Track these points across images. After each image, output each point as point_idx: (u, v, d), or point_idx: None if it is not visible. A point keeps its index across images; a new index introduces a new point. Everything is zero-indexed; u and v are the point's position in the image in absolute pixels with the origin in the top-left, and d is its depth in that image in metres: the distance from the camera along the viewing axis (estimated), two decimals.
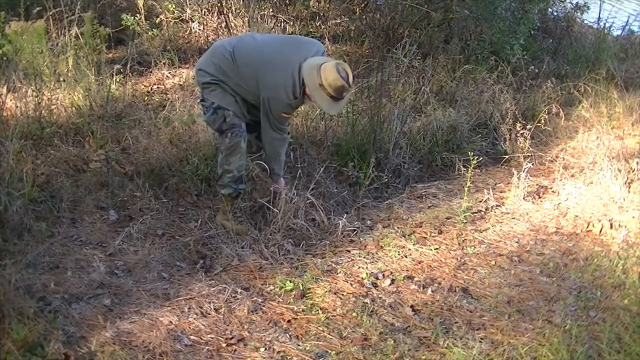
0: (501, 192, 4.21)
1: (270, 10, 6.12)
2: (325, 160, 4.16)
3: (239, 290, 3.01)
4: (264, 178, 3.65)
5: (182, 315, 2.80)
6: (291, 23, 6.11)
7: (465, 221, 3.74)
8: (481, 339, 2.75)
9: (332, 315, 2.88)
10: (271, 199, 3.54)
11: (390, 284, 3.15)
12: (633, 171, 4.22)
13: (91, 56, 4.89)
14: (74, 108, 4.47)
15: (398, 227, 3.68)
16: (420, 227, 3.72)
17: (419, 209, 3.96)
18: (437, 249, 3.50)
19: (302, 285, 3.07)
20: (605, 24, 7.37)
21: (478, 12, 5.91)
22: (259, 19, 5.94)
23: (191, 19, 6.06)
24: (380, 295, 3.05)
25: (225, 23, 5.88)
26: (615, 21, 7.65)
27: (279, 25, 6.06)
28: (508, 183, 4.27)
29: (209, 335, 2.69)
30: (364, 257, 3.36)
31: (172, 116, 4.45)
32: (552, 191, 4.24)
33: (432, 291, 3.11)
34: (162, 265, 3.18)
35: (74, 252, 3.20)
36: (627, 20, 7.82)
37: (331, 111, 3.43)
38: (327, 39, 5.95)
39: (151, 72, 5.42)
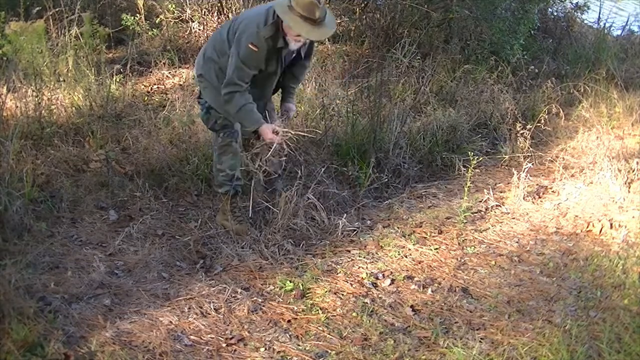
0: (501, 192, 4.21)
1: None
2: (325, 160, 4.16)
3: (239, 290, 3.01)
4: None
5: (182, 315, 2.81)
6: None
7: (465, 221, 3.74)
8: (481, 339, 2.75)
9: (332, 315, 2.88)
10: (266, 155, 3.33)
11: (390, 284, 3.15)
12: (633, 171, 4.21)
13: (91, 56, 4.89)
14: (74, 108, 4.47)
15: (398, 227, 3.68)
16: (420, 227, 3.72)
17: (419, 209, 3.96)
18: (437, 249, 3.50)
19: (302, 285, 3.07)
20: (605, 24, 7.37)
21: (478, 12, 5.91)
22: None
23: (191, 19, 6.06)
24: (380, 295, 3.05)
25: None
26: (615, 21, 7.65)
27: None
28: (508, 183, 4.26)
29: (209, 335, 2.69)
30: (364, 257, 3.36)
31: (172, 116, 4.45)
32: (552, 191, 4.24)
33: (432, 291, 3.11)
34: (162, 265, 3.18)
35: (74, 252, 3.20)
36: (627, 20, 7.82)
37: (311, 36, 3.15)
38: (327, 39, 5.95)
39: (151, 72, 5.42)
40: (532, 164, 4.50)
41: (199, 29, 6.02)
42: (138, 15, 5.74)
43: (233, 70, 3.14)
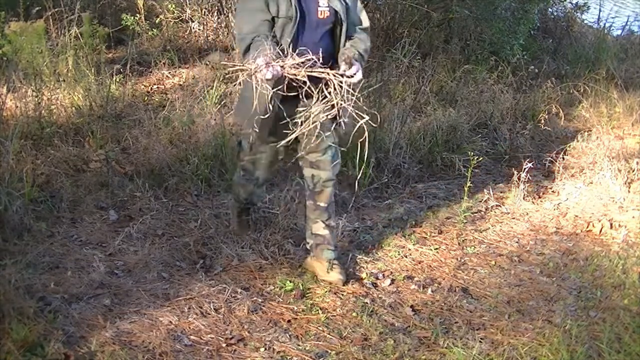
0: (501, 192, 4.21)
1: None
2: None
3: (239, 290, 3.01)
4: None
5: (182, 315, 2.80)
6: None
7: (465, 221, 3.74)
8: (481, 339, 2.75)
9: (332, 315, 2.88)
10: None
11: (390, 284, 3.15)
12: (633, 171, 4.22)
13: (91, 56, 4.89)
14: (74, 108, 4.47)
15: (398, 227, 3.68)
16: (420, 227, 3.72)
17: (419, 209, 3.96)
18: (437, 249, 3.50)
19: (302, 285, 3.07)
20: (605, 24, 7.38)
21: (478, 12, 5.91)
22: None
23: (191, 19, 6.06)
24: (380, 295, 3.05)
25: (225, 23, 5.88)
26: (615, 21, 7.65)
27: None
28: (508, 183, 4.27)
29: (209, 335, 2.69)
30: (364, 257, 3.36)
31: (172, 116, 4.45)
32: (552, 191, 4.24)
33: (432, 291, 3.11)
34: (162, 265, 3.17)
35: (74, 252, 3.20)
36: (627, 20, 7.83)
37: None
38: None
39: (151, 72, 5.42)
40: (532, 164, 4.51)
41: (199, 29, 6.02)
42: (138, 15, 5.74)
43: (237, 25, 2.85)
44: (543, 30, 7.03)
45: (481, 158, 4.44)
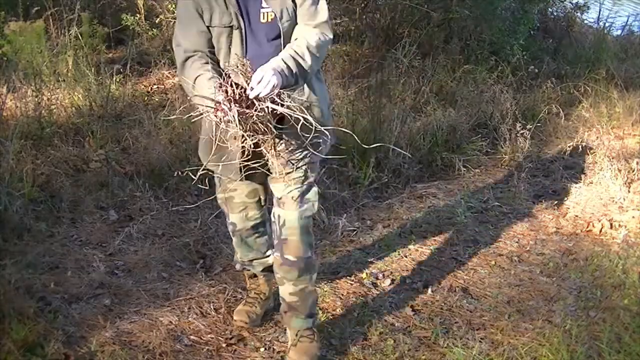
0: (501, 192, 4.21)
1: None
2: (325, 160, 4.15)
3: (239, 290, 3.01)
4: None
5: (182, 315, 2.81)
6: None
7: (465, 221, 3.74)
8: (481, 339, 2.75)
9: (332, 315, 2.88)
10: None
11: (390, 284, 3.15)
12: (633, 171, 4.22)
13: (91, 56, 4.89)
14: (74, 108, 4.47)
15: (398, 227, 3.68)
16: (420, 227, 3.72)
17: (419, 209, 3.96)
18: (437, 249, 3.50)
19: None
20: (605, 24, 7.37)
21: (478, 12, 5.91)
22: None
23: None
24: (380, 295, 3.05)
25: None
26: (615, 21, 7.65)
27: None
28: (508, 183, 4.27)
29: (209, 335, 2.69)
30: (364, 257, 3.36)
31: (172, 116, 4.45)
32: (552, 191, 4.24)
33: (432, 291, 3.11)
34: (162, 265, 3.18)
35: (74, 252, 3.20)
36: (627, 20, 7.82)
37: None
38: None
39: (151, 72, 5.42)
40: (532, 164, 4.51)
41: None
42: (138, 15, 5.74)
43: (175, 36, 2.33)
44: (543, 30, 7.02)
45: (481, 158, 4.44)
